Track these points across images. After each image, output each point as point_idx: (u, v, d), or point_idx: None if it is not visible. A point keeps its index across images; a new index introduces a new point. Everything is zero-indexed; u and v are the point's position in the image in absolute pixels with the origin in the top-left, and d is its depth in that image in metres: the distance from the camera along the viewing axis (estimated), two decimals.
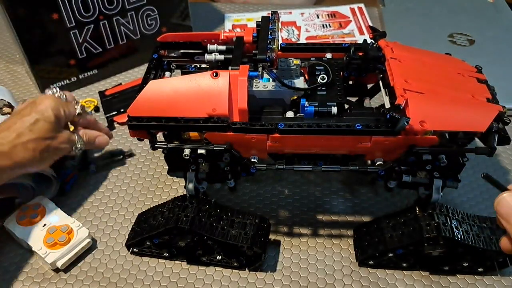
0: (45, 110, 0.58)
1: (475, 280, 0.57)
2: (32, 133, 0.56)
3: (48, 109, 0.58)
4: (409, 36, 0.95)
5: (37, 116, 0.57)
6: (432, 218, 0.53)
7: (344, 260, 0.59)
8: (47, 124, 0.57)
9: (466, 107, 0.51)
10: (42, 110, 0.58)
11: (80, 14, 0.81)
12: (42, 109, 0.58)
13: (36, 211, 0.62)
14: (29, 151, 0.56)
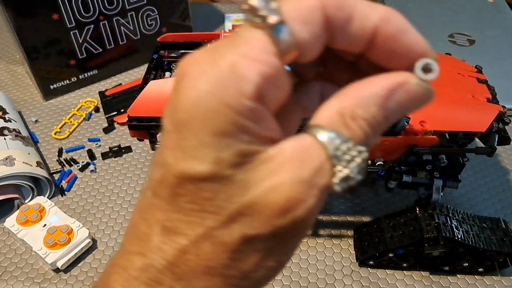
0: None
1: (475, 280, 0.57)
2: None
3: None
4: None
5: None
6: (432, 218, 0.53)
7: (344, 260, 0.59)
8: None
9: (466, 107, 0.51)
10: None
11: (80, 14, 0.81)
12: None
13: (36, 211, 0.62)
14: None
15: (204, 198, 0.20)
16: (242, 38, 0.20)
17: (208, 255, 0.20)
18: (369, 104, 0.21)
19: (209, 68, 0.19)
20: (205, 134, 0.19)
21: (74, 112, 0.82)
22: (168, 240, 0.21)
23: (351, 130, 0.21)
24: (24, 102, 0.85)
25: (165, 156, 0.20)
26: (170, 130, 0.20)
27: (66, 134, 0.78)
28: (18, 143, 0.68)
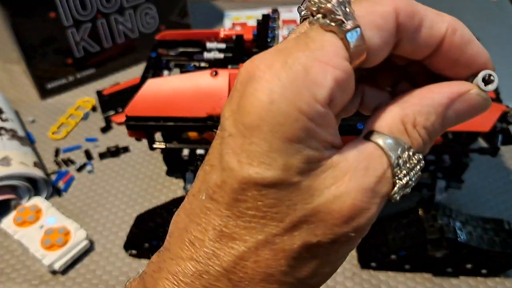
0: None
1: (478, 282, 0.56)
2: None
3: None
4: None
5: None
6: (435, 220, 0.52)
7: (345, 263, 0.59)
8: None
9: None
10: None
11: (78, 12, 0.80)
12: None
13: (33, 212, 0.61)
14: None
15: (267, 205, 0.19)
16: (315, 41, 0.20)
17: (267, 262, 0.20)
18: (430, 112, 0.21)
19: (282, 71, 0.19)
20: (275, 140, 0.19)
21: (71, 111, 0.81)
22: (224, 246, 0.20)
23: (412, 138, 0.21)
24: (21, 102, 0.84)
25: (227, 160, 0.19)
26: (234, 133, 0.19)
27: (63, 134, 0.77)
28: (14, 143, 0.67)
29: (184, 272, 0.21)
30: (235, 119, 0.19)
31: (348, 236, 0.20)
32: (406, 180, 0.21)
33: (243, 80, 0.20)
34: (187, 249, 0.21)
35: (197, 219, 0.21)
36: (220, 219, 0.20)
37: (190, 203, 0.22)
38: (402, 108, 0.21)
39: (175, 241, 0.22)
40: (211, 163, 0.21)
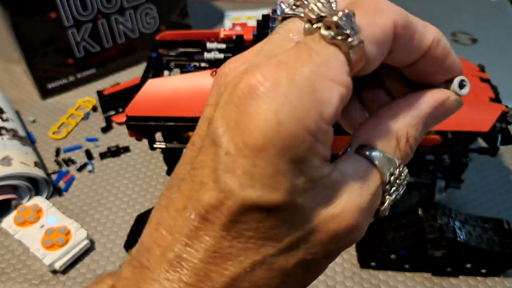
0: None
1: (477, 281, 0.57)
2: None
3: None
4: None
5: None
6: (434, 219, 0.52)
7: (345, 262, 0.59)
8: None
9: (469, 106, 0.51)
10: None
11: (78, 12, 0.80)
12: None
13: (33, 212, 0.61)
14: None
15: (268, 227, 0.19)
16: (319, 55, 0.19)
17: (262, 281, 0.20)
18: (419, 123, 0.22)
19: (289, 89, 0.18)
20: (282, 162, 0.18)
21: (72, 111, 0.82)
22: (217, 267, 0.19)
23: (403, 152, 0.21)
24: (21, 101, 0.84)
25: (225, 181, 0.18)
26: (233, 152, 0.18)
27: (64, 133, 0.77)
28: (15, 143, 0.67)
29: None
30: (234, 137, 0.18)
31: (341, 250, 0.21)
32: (395, 195, 0.21)
33: (242, 95, 0.18)
34: (174, 271, 0.20)
35: (184, 239, 0.20)
36: (214, 240, 0.19)
37: (173, 220, 0.20)
38: (394, 122, 0.21)
39: (158, 260, 0.20)
40: (202, 180, 0.19)
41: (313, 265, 0.21)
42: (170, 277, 0.20)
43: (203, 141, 0.20)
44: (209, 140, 0.19)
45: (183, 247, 0.20)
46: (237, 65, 0.22)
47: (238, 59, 0.22)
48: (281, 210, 0.19)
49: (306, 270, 0.21)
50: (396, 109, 0.22)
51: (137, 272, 0.21)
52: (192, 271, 0.19)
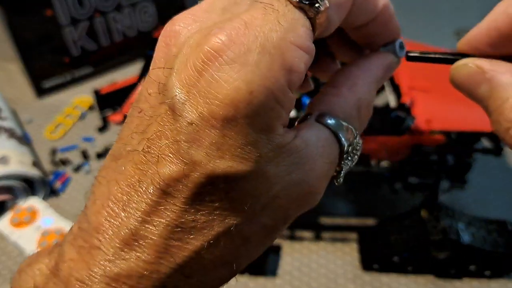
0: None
1: (481, 283, 0.56)
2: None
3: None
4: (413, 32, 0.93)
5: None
6: (438, 221, 0.51)
7: (347, 265, 0.58)
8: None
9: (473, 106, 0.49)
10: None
11: (75, 10, 0.79)
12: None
13: (29, 213, 0.60)
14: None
15: (234, 197, 0.18)
16: (286, 20, 0.18)
17: (224, 251, 0.19)
18: (373, 89, 0.23)
19: (261, 57, 0.17)
20: (252, 132, 0.18)
21: (68, 110, 0.80)
22: (178, 242, 0.18)
23: (362, 121, 0.22)
24: (17, 101, 0.83)
25: (189, 153, 0.17)
26: (196, 122, 0.17)
27: (60, 133, 0.76)
28: (13, 142, 0.66)
29: (129, 275, 0.18)
30: (199, 106, 0.17)
31: (298, 214, 0.21)
32: (349, 164, 0.22)
33: (206, 59, 0.17)
34: (131, 249, 0.18)
35: (141, 215, 0.18)
36: (176, 214, 0.18)
37: (126, 195, 0.18)
38: (353, 92, 0.22)
39: (111, 239, 0.18)
40: (160, 152, 0.18)
41: (273, 229, 0.20)
42: (127, 256, 0.18)
43: (155, 108, 0.19)
44: (165, 108, 0.18)
45: (140, 224, 0.18)
46: (188, 23, 0.20)
47: (187, 16, 0.20)
48: (249, 179, 0.18)
49: (265, 235, 0.20)
50: (353, 78, 0.23)
51: (85, 253, 0.19)
52: (152, 248, 0.18)
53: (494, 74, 0.20)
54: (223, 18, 0.19)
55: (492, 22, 0.21)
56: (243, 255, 0.20)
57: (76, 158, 0.72)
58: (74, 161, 0.71)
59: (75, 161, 0.71)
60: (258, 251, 0.21)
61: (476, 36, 0.22)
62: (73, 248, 0.19)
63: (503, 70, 0.20)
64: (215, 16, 0.19)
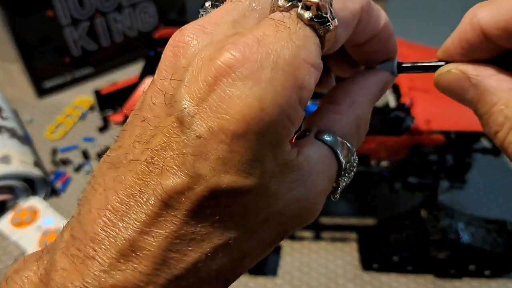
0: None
1: (481, 283, 0.56)
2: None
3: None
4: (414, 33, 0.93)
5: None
6: (437, 221, 0.51)
7: (347, 264, 0.58)
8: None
9: None
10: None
11: (76, 10, 0.79)
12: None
13: (30, 213, 0.60)
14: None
15: (235, 210, 0.18)
16: (298, 37, 0.18)
17: (222, 265, 0.19)
18: (370, 106, 0.23)
19: (271, 73, 0.17)
20: (261, 148, 0.18)
21: (69, 111, 0.81)
22: (177, 254, 0.18)
23: (360, 138, 0.22)
24: (18, 101, 0.83)
25: (194, 166, 0.17)
26: (206, 137, 0.17)
27: (60, 133, 0.76)
28: (14, 142, 0.67)
29: (125, 286, 0.18)
30: (209, 120, 0.17)
31: (295, 230, 0.21)
32: (346, 181, 0.22)
33: (219, 74, 0.17)
34: (128, 260, 0.18)
35: (140, 226, 0.18)
36: (176, 226, 0.18)
37: (125, 205, 0.18)
38: (353, 109, 0.22)
39: (107, 250, 0.18)
40: (164, 163, 0.18)
41: (270, 244, 0.20)
42: (123, 267, 0.18)
43: (161, 119, 0.18)
44: (172, 120, 0.18)
45: (138, 235, 0.18)
46: (198, 34, 0.19)
47: (196, 27, 0.20)
48: (252, 194, 0.18)
49: (263, 249, 0.20)
50: (353, 96, 0.23)
51: (79, 263, 0.18)
52: (149, 260, 0.18)
53: (479, 79, 0.21)
54: (233, 32, 0.19)
55: (461, 33, 0.21)
56: (239, 269, 0.20)
57: (77, 158, 0.72)
58: (75, 161, 0.72)
59: (76, 161, 0.72)
60: (252, 264, 0.21)
61: (450, 46, 0.22)
62: (65, 257, 0.19)
63: (488, 74, 0.21)
64: (225, 29, 0.19)
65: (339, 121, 0.22)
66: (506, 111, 0.20)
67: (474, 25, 0.21)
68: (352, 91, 0.23)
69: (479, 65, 0.21)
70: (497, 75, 0.21)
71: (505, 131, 0.20)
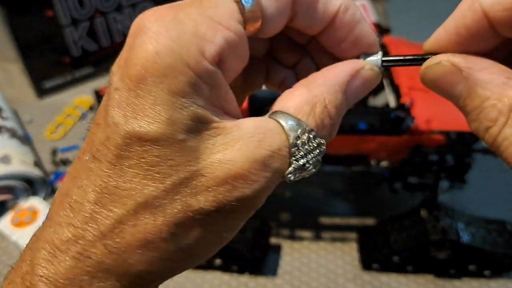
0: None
1: (481, 283, 0.56)
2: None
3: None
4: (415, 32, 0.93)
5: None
6: (437, 221, 0.51)
7: (347, 264, 0.58)
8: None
9: None
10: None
11: (76, 11, 0.79)
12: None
13: (30, 213, 0.60)
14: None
15: (150, 163, 0.19)
16: (210, 2, 0.20)
17: (147, 227, 0.19)
18: (337, 91, 0.22)
19: (172, 25, 0.19)
20: (160, 92, 0.18)
21: (69, 111, 0.81)
22: (103, 208, 0.19)
23: (319, 119, 0.21)
24: (18, 101, 0.83)
25: (112, 115, 0.19)
26: (119, 87, 0.19)
27: (60, 133, 0.76)
28: (15, 142, 0.67)
29: (61, 239, 0.19)
30: (122, 72, 0.19)
31: (232, 206, 0.19)
32: (303, 162, 0.20)
33: (132, 34, 0.19)
34: (66, 214, 0.19)
35: (78, 182, 0.19)
36: (101, 179, 0.19)
37: (74, 166, 0.20)
38: (309, 90, 0.21)
39: (56, 208, 0.20)
40: (97, 122, 0.20)
41: (203, 219, 0.19)
42: (62, 220, 0.19)
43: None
44: (108, 83, 0.20)
45: (76, 190, 0.19)
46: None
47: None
48: (161, 143, 0.18)
49: (195, 223, 0.19)
50: (312, 78, 0.22)
51: (43, 224, 0.21)
52: (81, 214, 0.19)
53: (471, 72, 0.20)
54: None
55: (459, 20, 0.20)
56: (170, 240, 0.19)
57: None
58: None
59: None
60: (189, 241, 0.19)
61: (444, 35, 0.21)
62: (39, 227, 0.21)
63: (480, 67, 0.20)
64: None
65: (292, 100, 0.21)
66: (500, 106, 0.19)
67: (476, 9, 0.20)
68: (313, 76, 0.22)
69: (472, 57, 0.20)
70: (490, 68, 0.20)
71: (498, 126, 0.19)
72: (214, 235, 0.20)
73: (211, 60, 0.19)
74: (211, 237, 0.20)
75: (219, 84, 0.20)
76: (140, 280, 0.19)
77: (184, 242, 0.19)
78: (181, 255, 0.20)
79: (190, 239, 0.19)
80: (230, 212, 0.19)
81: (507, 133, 0.18)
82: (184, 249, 0.20)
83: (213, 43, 0.19)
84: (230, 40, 0.19)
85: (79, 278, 0.19)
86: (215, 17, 0.19)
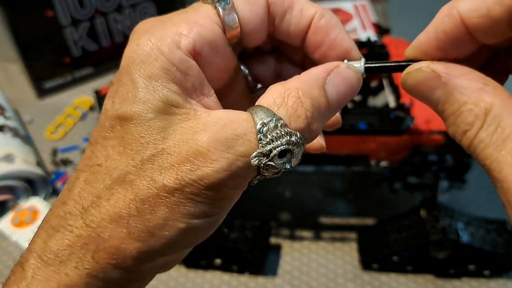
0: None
1: (480, 283, 0.56)
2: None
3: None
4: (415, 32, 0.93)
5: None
6: (437, 221, 0.51)
7: (347, 264, 0.58)
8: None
9: None
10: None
11: (76, 11, 0.79)
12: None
13: (31, 213, 0.60)
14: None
15: (127, 141, 0.21)
16: (193, 8, 0.23)
17: (118, 201, 0.20)
18: (312, 85, 0.22)
19: (156, 28, 0.22)
20: (138, 77, 0.21)
21: (69, 111, 0.81)
22: (88, 185, 0.21)
23: (291, 109, 0.22)
24: (18, 101, 0.83)
25: (104, 103, 0.22)
26: (114, 81, 0.22)
27: (61, 134, 0.76)
28: (17, 142, 0.67)
29: (55, 217, 0.22)
30: (118, 70, 0.22)
31: (195, 188, 0.20)
32: (269, 148, 0.21)
33: (130, 37, 0.23)
34: (63, 194, 0.22)
35: (80, 166, 0.22)
36: (91, 160, 0.22)
37: (85, 154, 0.24)
38: (282, 85, 0.23)
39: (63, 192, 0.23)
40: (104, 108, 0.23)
41: (168, 198, 0.20)
42: (60, 199, 0.22)
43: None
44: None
45: (75, 172, 0.22)
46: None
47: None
48: (135, 122, 0.21)
49: (160, 202, 0.20)
50: (289, 77, 0.23)
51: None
52: (72, 191, 0.22)
53: (449, 78, 0.21)
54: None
55: (439, 25, 0.21)
56: (138, 217, 0.20)
57: (77, 158, 0.72)
58: (75, 161, 0.72)
59: (76, 161, 0.72)
60: (156, 221, 0.20)
61: (425, 41, 0.22)
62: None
63: (458, 73, 0.21)
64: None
65: (267, 97, 0.22)
66: (476, 110, 0.20)
67: (453, 15, 0.21)
68: (290, 76, 0.24)
69: (450, 64, 0.21)
70: (467, 75, 0.21)
71: (475, 130, 0.20)
72: (181, 219, 0.20)
73: (186, 51, 0.21)
74: (178, 220, 0.20)
75: (194, 74, 0.22)
76: (113, 260, 0.20)
77: (151, 222, 0.20)
78: (150, 239, 0.20)
79: (157, 219, 0.20)
80: (193, 195, 0.20)
81: (482, 136, 0.19)
82: (152, 230, 0.20)
83: (188, 36, 0.22)
84: (205, 35, 0.22)
85: (61, 253, 0.20)
86: (193, 18, 0.22)
